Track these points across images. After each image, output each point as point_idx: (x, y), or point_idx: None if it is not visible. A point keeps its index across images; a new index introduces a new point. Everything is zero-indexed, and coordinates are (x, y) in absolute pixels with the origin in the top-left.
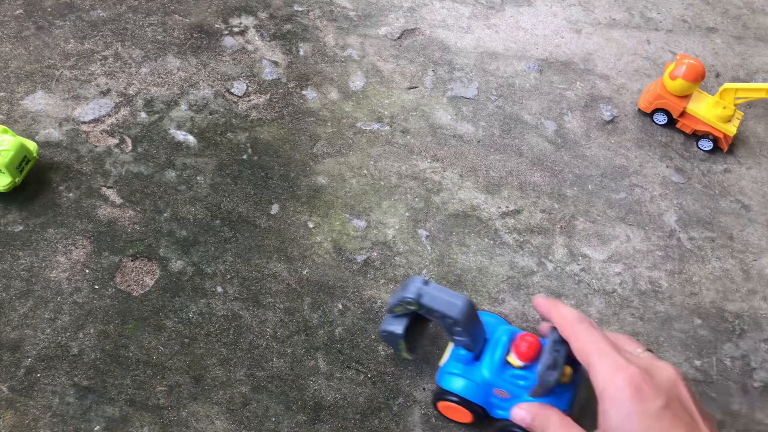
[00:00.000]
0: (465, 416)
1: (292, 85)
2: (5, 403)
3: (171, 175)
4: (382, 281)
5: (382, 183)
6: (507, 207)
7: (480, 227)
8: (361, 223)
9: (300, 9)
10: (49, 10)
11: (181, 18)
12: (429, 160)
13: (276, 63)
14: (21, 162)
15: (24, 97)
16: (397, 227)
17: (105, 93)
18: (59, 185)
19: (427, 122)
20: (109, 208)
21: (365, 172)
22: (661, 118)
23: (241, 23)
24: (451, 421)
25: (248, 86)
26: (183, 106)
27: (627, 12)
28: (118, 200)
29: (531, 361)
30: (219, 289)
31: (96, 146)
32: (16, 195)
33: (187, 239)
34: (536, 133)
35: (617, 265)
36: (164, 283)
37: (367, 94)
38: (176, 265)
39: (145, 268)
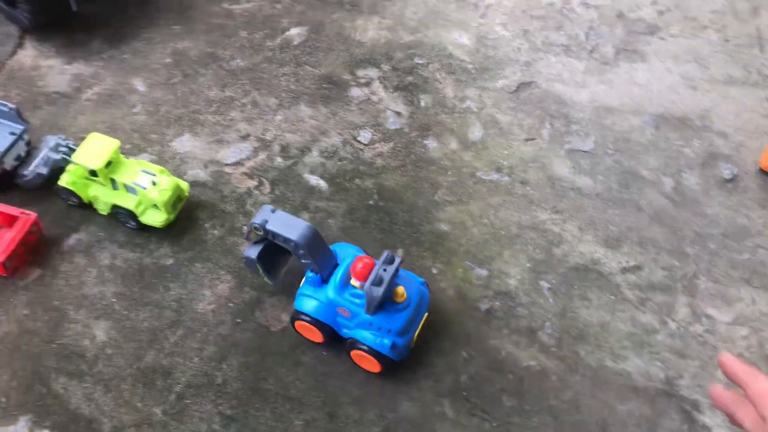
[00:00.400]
0: (317, 336)
1: (414, 134)
2: (160, 425)
3: (305, 216)
4: (506, 331)
5: (503, 232)
6: (627, 262)
7: (601, 282)
8: (483, 272)
9: (420, 62)
10: (194, 59)
11: (311, 69)
12: (549, 212)
13: (399, 113)
14: (176, 200)
15: (173, 139)
16: (518, 277)
17: (244, 138)
18: (205, 222)
19: (545, 174)
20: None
21: (486, 221)
22: None
23: (366, 75)
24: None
25: (373, 135)
26: (315, 153)
27: (744, 69)
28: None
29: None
30: None
31: (238, 187)
32: (167, 230)
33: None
34: (654, 189)
35: (743, 328)
36: None
37: (486, 145)
38: None
39: (282, 305)
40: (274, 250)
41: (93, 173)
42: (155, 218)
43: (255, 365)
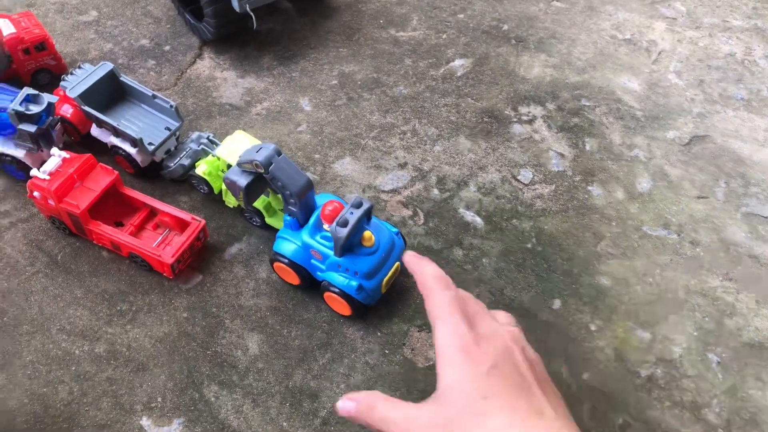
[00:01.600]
0: (294, 278)
1: (577, 179)
2: None
3: (458, 253)
4: (667, 404)
5: (669, 295)
6: None
7: None
8: (646, 335)
9: (587, 104)
10: (359, 83)
11: (473, 101)
12: (720, 278)
13: (562, 155)
14: None
15: (335, 161)
16: (684, 346)
17: (402, 166)
18: None
19: (718, 236)
20: (402, 277)
21: (651, 280)
22: None
23: (529, 112)
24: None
25: (534, 175)
26: (472, 187)
27: None
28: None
29: None
30: None
31: (392, 215)
32: None
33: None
34: None
35: None
36: None
37: (654, 198)
38: None
39: (429, 341)
40: (256, 180)
41: (229, 166)
42: (279, 222)
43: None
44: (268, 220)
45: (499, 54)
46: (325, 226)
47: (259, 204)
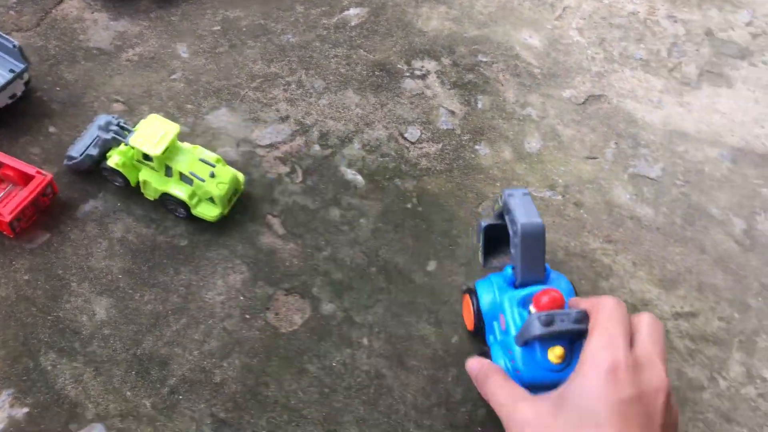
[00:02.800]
0: (469, 321)
1: (466, 137)
2: (146, 420)
3: (335, 213)
4: None
5: (548, 257)
6: (682, 308)
7: None
8: None
9: (484, 60)
10: (244, 29)
11: (365, 53)
12: (601, 240)
13: (453, 113)
14: (231, 194)
15: (209, 112)
16: None
17: (284, 119)
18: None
19: (603, 198)
20: (272, 237)
21: None
22: None
23: (423, 67)
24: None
25: (422, 133)
26: (356, 144)
27: None
28: (281, 230)
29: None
30: (365, 341)
31: (268, 172)
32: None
33: (341, 282)
34: (722, 230)
35: None
36: (313, 324)
37: (542, 158)
38: (327, 307)
39: (296, 305)
40: (500, 237)
41: (147, 158)
42: (209, 212)
43: (258, 368)
44: (195, 212)
45: (397, 4)
46: (532, 309)
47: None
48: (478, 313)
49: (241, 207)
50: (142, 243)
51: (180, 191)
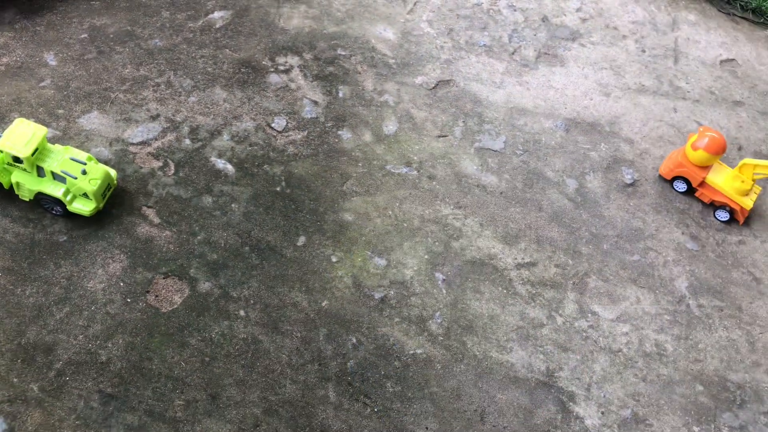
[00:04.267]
0: None
1: (329, 124)
2: (34, 402)
3: (208, 200)
4: (397, 320)
5: (405, 225)
6: (523, 259)
7: (495, 276)
8: (382, 262)
9: (343, 53)
10: (111, 36)
11: (231, 53)
12: (452, 207)
13: (316, 102)
14: (105, 189)
15: (81, 115)
16: (415, 269)
17: (154, 118)
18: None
19: (453, 170)
20: (148, 227)
21: (390, 212)
22: (680, 186)
23: (286, 62)
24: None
25: (288, 122)
26: (225, 136)
27: (657, 79)
28: (157, 220)
29: None
30: (242, 312)
31: (141, 167)
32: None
33: (216, 262)
34: (557, 190)
35: (625, 326)
36: (191, 302)
37: (399, 139)
38: (204, 286)
39: (175, 287)
40: None
41: (17, 160)
42: (84, 207)
43: (141, 345)
44: (71, 208)
45: (259, 5)
46: None
47: (53, 190)
48: None
49: (117, 201)
50: (21, 242)
51: (54, 190)
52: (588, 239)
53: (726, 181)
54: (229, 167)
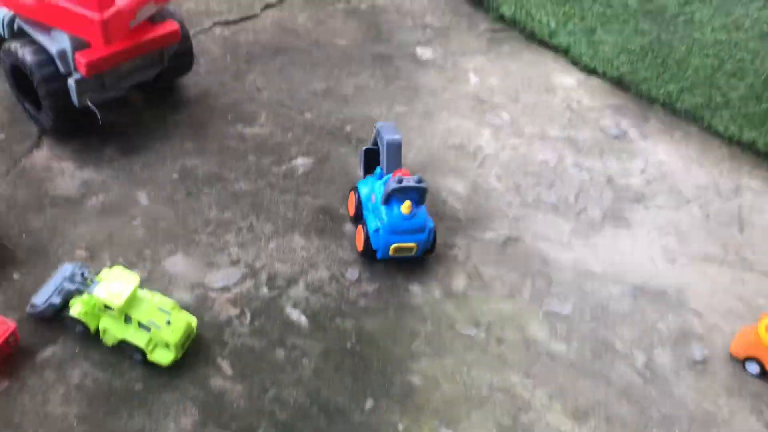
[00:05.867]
0: (351, 208)
1: (400, 278)
2: None
3: (280, 354)
4: None
5: (473, 392)
6: None
7: None
8: None
9: None
10: (200, 177)
11: (311, 199)
12: (521, 375)
13: None
14: (185, 339)
15: (166, 257)
16: None
17: (235, 263)
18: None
19: (522, 334)
20: (221, 380)
21: (458, 378)
22: (753, 368)
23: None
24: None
25: (361, 273)
26: (301, 285)
27: (722, 248)
28: (230, 372)
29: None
30: None
31: (219, 314)
32: None
33: (285, 423)
34: (626, 363)
35: None
36: None
37: (467, 297)
38: None
39: None
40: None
41: (108, 307)
42: (163, 357)
43: None
44: (151, 358)
45: (340, 154)
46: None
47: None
48: (358, 202)
49: (194, 349)
50: (99, 388)
51: (138, 339)
52: (659, 420)
53: None
54: (303, 319)
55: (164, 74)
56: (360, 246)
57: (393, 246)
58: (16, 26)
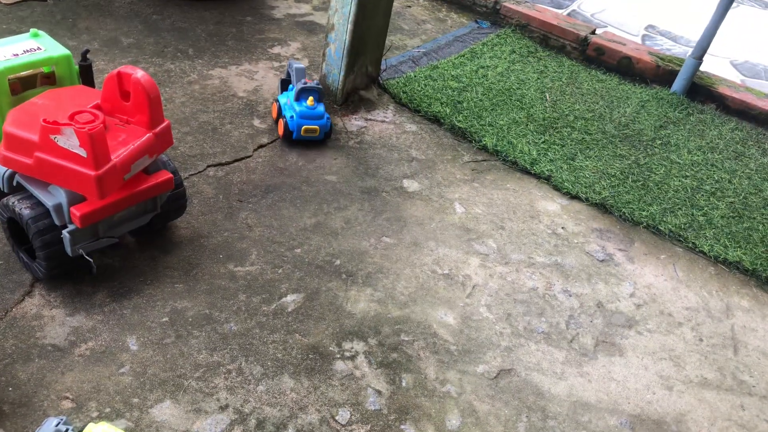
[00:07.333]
0: (275, 112)
1: (392, 417)
2: None
3: None
4: None
5: None
6: None
7: None
8: None
9: (406, 339)
10: (190, 319)
11: (300, 338)
12: None
13: (379, 392)
14: None
15: (153, 405)
16: None
17: (223, 408)
18: None
19: None
20: None
21: None
22: None
23: (352, 348)
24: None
25: (352, 415)
26: (291, 431)
27: (719, 372)
28: None
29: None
30: None
31: None
32: None
33: None
34: None
35: None
36: None
37: None
38: None
39: None
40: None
41: None
42: None
43: None
44: None
45: (329, 288)
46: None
47: None
48: (279, 107)
49: None
50: None
51: None
52: None
53: None
54: None
55: (158, 219)
56: (281, 131)
57: (303, 127)
58: (15, 182)
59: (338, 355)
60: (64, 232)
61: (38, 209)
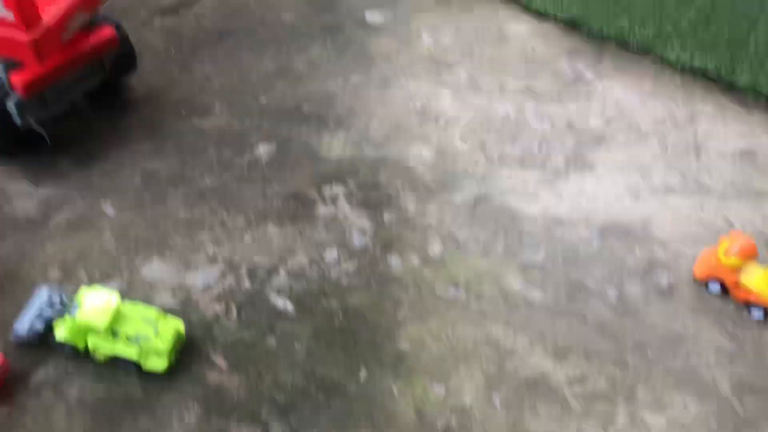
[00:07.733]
0: None
1: (378, 251)
2: None
3: (272, 341)
4: None
5: (459, 348)
6: (574, 374)
7: (549, 393)
8: (441, 390)
9: (385, 177)
10: (164, 180)
11: (279, 186)
12: (501, 326)
13: (364, 230)
14: (176, 344)
15: (142, 264)
16: (473, 394)
17: (213, 261)
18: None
19: (499, 288)
20: (217, 375)
21: (443, 337)
22: (715, 288)
23: (332, 191)
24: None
25: (339, 253)
26: (282, 274)
27: (682, 177)
28: (225, 366)
29: None
30: None
31: (205, 313)
32: None
33: (285, 404)
34: (599, 300)
35: None
36: None
37: (445, 261)
38: (276, 429)
39: None
40: None
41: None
42: (158, 365)
43: None
44: (146, 368)
45: (301, 135)
46: None
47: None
48: None
49: (186, 350)
50: (99, 401)
51: (129, 353)
52: (633, 348)
53: (759, 282)
54: (289, 305)
55: (108, 79)
56: None
57: None
58: None
59: (319, 200)
60: (9, 102)
61: None
